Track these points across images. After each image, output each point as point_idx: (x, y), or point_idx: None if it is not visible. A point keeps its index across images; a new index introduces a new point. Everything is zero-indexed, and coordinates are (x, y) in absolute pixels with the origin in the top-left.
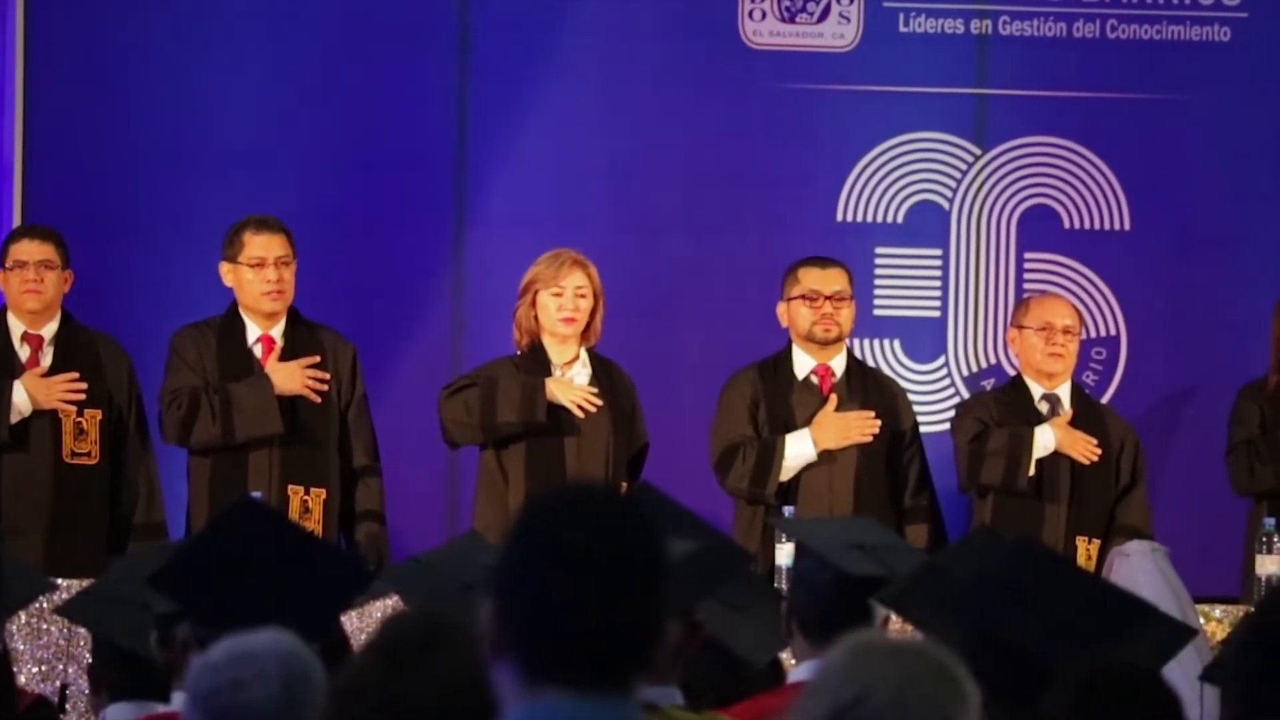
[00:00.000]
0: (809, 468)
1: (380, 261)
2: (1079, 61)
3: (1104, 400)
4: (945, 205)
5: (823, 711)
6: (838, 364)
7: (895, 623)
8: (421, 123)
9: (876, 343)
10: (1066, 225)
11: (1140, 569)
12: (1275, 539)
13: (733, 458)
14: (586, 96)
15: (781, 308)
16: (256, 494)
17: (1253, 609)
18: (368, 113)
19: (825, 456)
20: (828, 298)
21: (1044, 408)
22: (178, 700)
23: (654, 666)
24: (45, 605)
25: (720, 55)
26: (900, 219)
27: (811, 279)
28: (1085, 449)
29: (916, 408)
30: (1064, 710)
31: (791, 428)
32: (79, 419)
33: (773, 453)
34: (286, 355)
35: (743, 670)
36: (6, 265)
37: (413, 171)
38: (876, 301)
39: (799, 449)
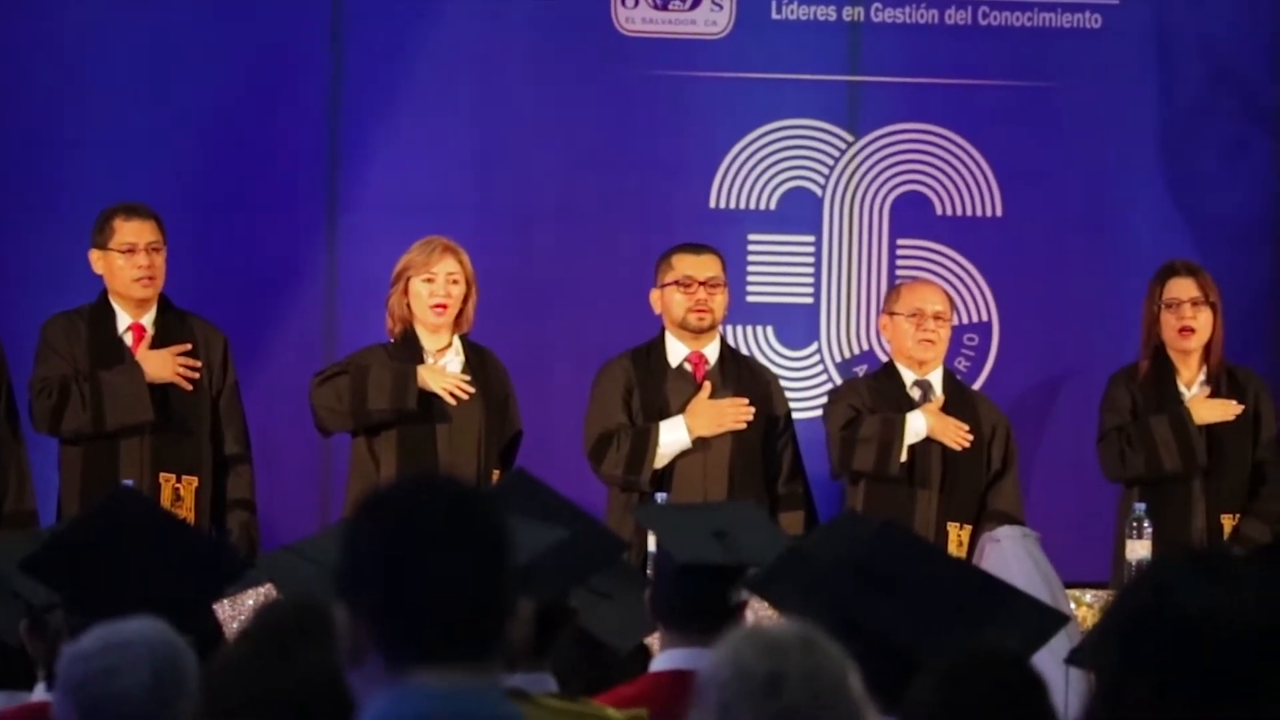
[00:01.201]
0: (683, 455)
1: (252, 249)
2: (951, 48)
3: (976, 386)
4: (818, 192)
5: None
6: (711, 351)
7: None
8: (294, 109)
9: (749, 329)
10: (939, 212)
11: (1011, 555)
12: (1145, 524)
13: (607, 445)
14: (459, 84)
15: (655, 294)
16: (128, 482)
17: (1118, 593)
18: (239, 99)
19: (699, 444)
20: (701, 284)
21: (916, 394)
22: (40, 691)
23: (508, 639)
24: None
25: (593, 42)
26: (773, 206)
27: (685, 265)
28: (957, 435)
29: (789, 394)
30: (929, 696)
31: (665, 415)
32: None
33: (647, 440)
34: (157, 343)
35: (611, 657)
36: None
37: (285, 158)
38: (749, 288)
39: (673, 436)
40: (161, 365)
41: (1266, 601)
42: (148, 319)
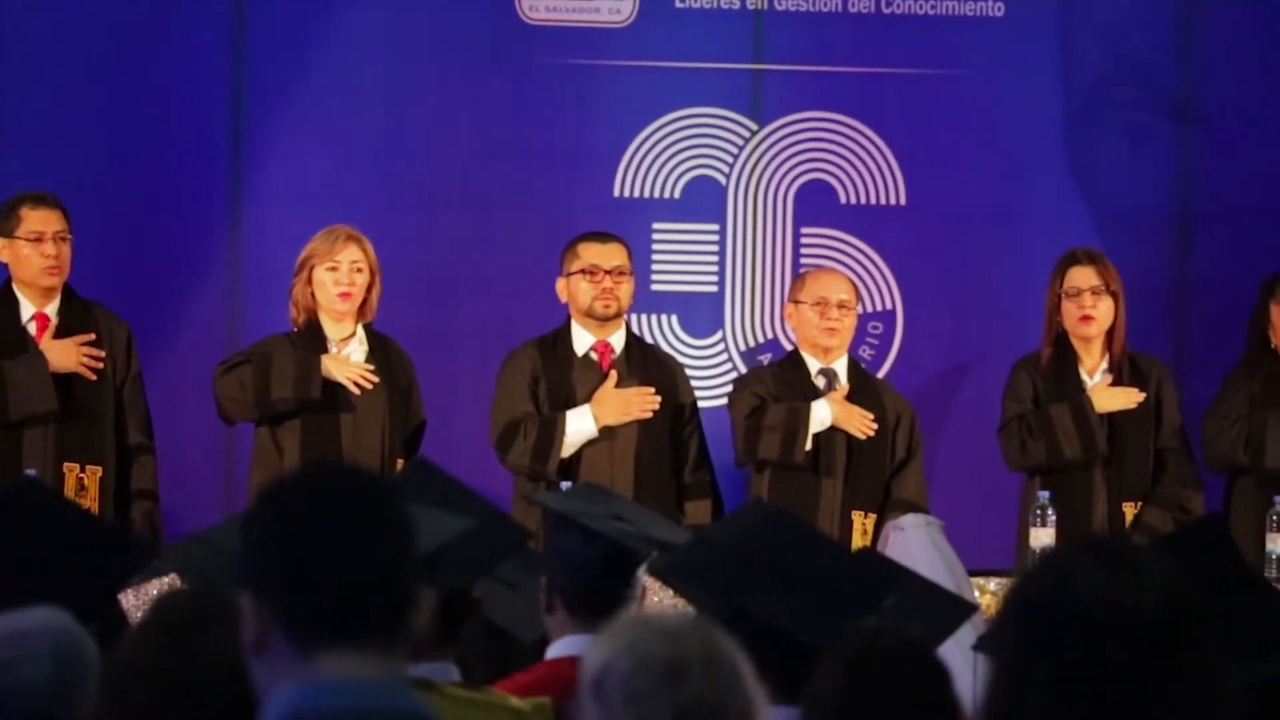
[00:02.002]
0: (590, 444)
1: (155, 238)
2: (854, 37)
3: (880, 375)
4: (722, 180)
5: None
6: (617, 340)
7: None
8: (197, 98)
9: (654, 318)
10: (843, 200)
11: (915, 543)
12: (1049, 511)
13: (513, 435)
14: (364, 72)
15: (561, 283)
16: (31, 472)
17: (1017, 580)
18: (141, 88)
19: (606, 433)
20: (607, 273)
21: (820, 382)
22: None
23: (412, 628)
24: None
25: (497, 30)
26: (677, 194)
27: (591, 254)
28: (861, 424)
29: (695, 383)
30: (833, 682)
31: (572, 404)
32: None
33: (553, 430)
34: (61, 333)
35: (515, 647)
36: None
37: (188, 148)
38: (654, 277)
39: (579, 426)
40: (65, 355)
41: (1165, 590)
42: (52, 308)
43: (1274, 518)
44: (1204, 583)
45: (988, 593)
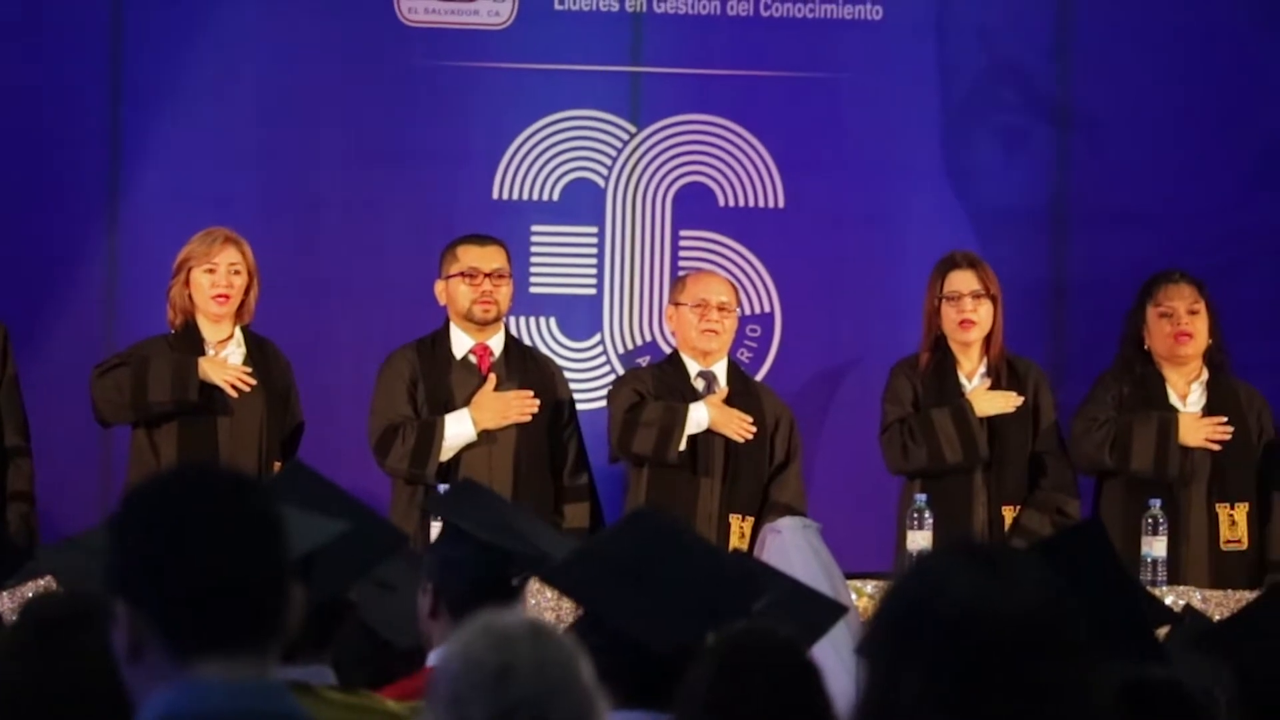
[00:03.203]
0: (469, 447)
1: (32, 239)
2: (733, 40)
3: (759, 377)
4: (601, 183)
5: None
6: (496, 343)
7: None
8: (74, 100)
9: (533, 321)
10: (721, 203)
11: (792, 546)
12: (926, 515)
13: (392, 438)
14: (242, 73)
15: (440, 286)
16: None
17: (891, 585)
18: (18, 87)
19: (485, 436)
20: (486, 275)
21: (700, 385)
22: None
23: (286, 631)
24: None
25: (376, 32)
26: (556, 197)
27: (470, 257)
28: (739, 427)
29: (573, 385)
30: (704, 681)
31: (451, 407)
32: None
33: (432, 433)
34: None
35: (394, 650)
36: None
37: (65, 148)
38: (532, 279)
39: (458, 429)
40: None
41: (1036, 594)
42: None
43: (1149, 521)
44: (1077, 586)
45: (865, 595)
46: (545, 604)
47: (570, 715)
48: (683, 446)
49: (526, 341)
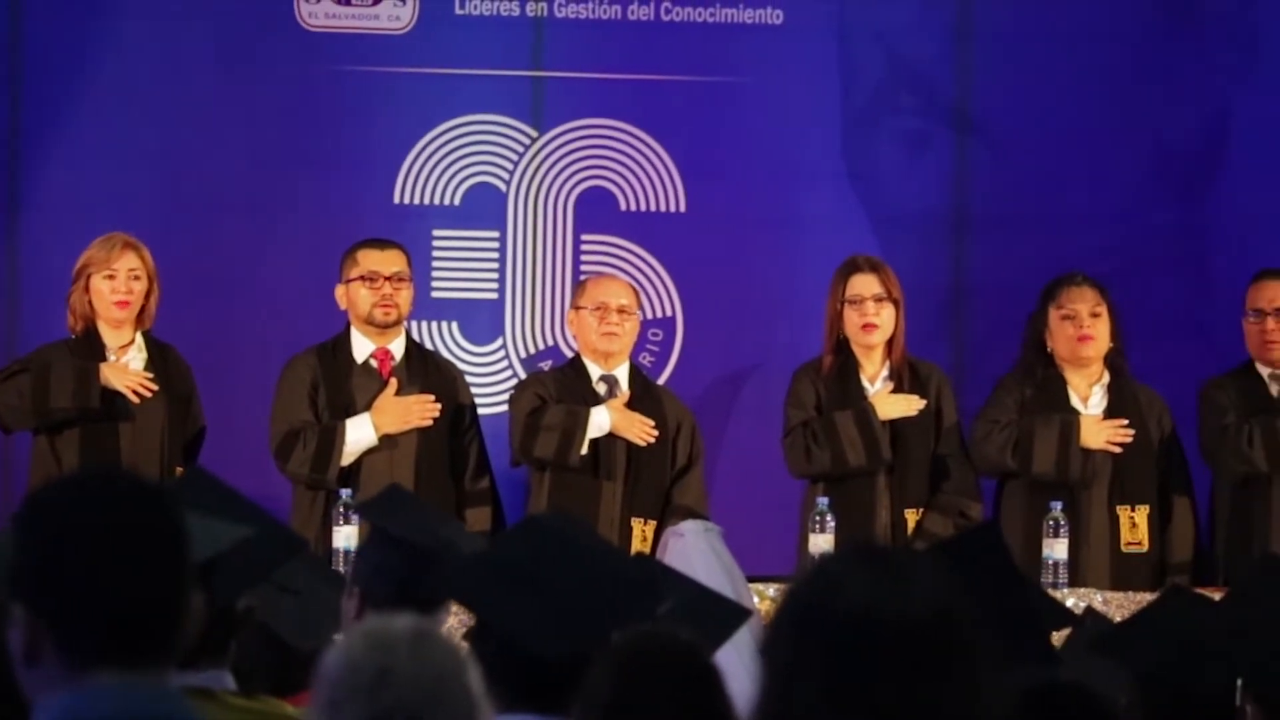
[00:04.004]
0: (370, 452)
1: None
2: (634, 44)
3: (661, 381)
4: (502, 187)
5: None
6: (397, 347)
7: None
8: None
9: (435, 325)
10: (623, 207)
11: (694, 549)
12: (828, 518)
13: (293, 443)
14: (143, 78)
15: (340, 290)
16: None
17: (790, 586)
18: None
19: (386, 441)
20: (386, 279)
21: (601, 389)
22: None
23: (184, 638)
24: None
25: (277, 37)
26: (458, 201)
27: (370, 261)
28: (641, 430)
29: (475, 390)
30: (604, 684)
31: (352, 412)
32: None
33: (333, 438)
34: None
35: (298, 655)
36: None
37: None
38: (434, 284)
39: (359, 434)
40: None
41: (932, 596)
42: None
43: (1050, 523)
44: (975, 588)
45: (767, 599)
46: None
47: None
48: (584, 450)
49: (428, 346)
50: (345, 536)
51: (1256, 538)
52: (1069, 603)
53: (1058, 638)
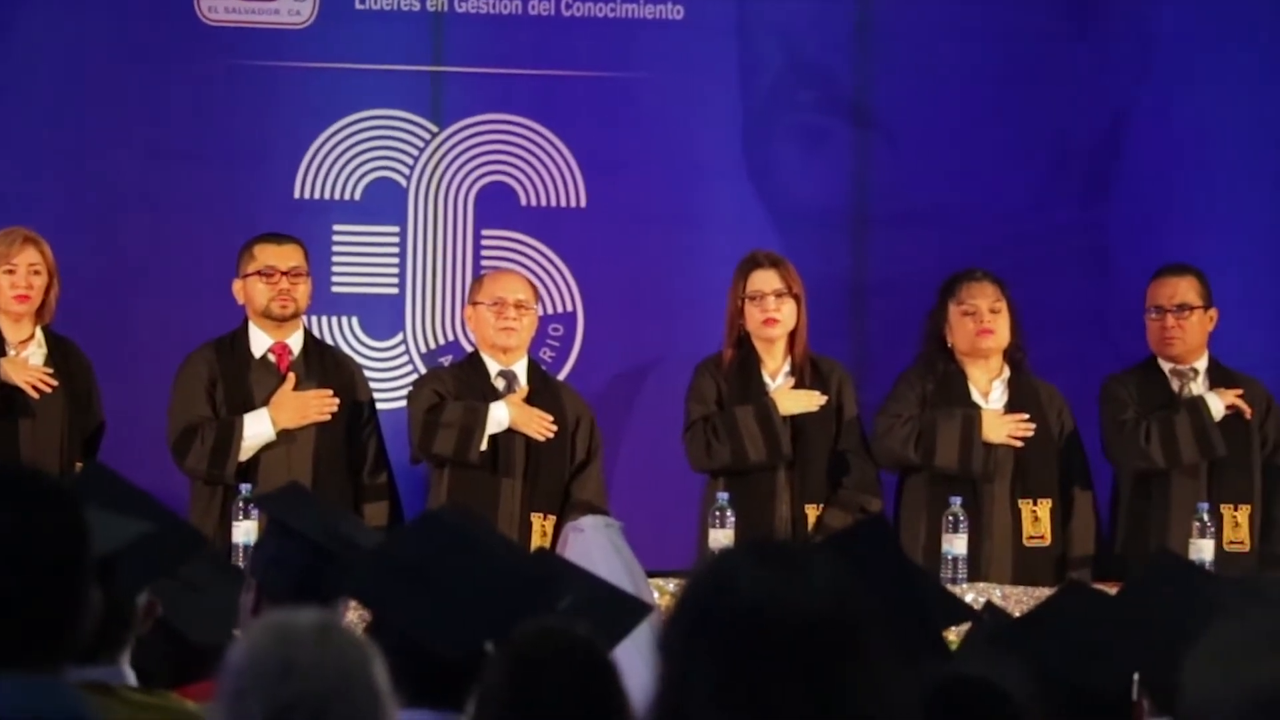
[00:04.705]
0: (268, 447)
1: None
2: (534, 39)
3: (562, 376)
4: (403, 182)
5: (265, 713)
6: (295, 341)
7: None
8: None
9: (335, 320)
10: (523, 202)
11: (594, 544)
12: (728, 513)
13: (191, 439)
14: (42, 72)
15: (238, 285)
16: None
17: (686, 581)
18: None
19: (284, 435)
20: (284, 273)
21: (500, 384)
22: None
23: (82, 634)
24: None
25: (176, 31)
26: (358, 196)
27: (267, 255)
28: (540, 426)
29: (374, 385)
30: (500, 679)
31: (250, 407)
32: None
33: (231, 433)
34: None
35: (197, 650)
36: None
37: None
38: (334, 279)
39: (257, 428)
40: None
41: (827, 590)
42: None
43: (949, 519)
44: (869, 582)
45: (667, 594)
46: None
47: (350, 715)
48: (484, 446)
49: (329, 341)
50: (245, 531)
51: (1155, 533)
52: (968, 598)
53: (957, 633)
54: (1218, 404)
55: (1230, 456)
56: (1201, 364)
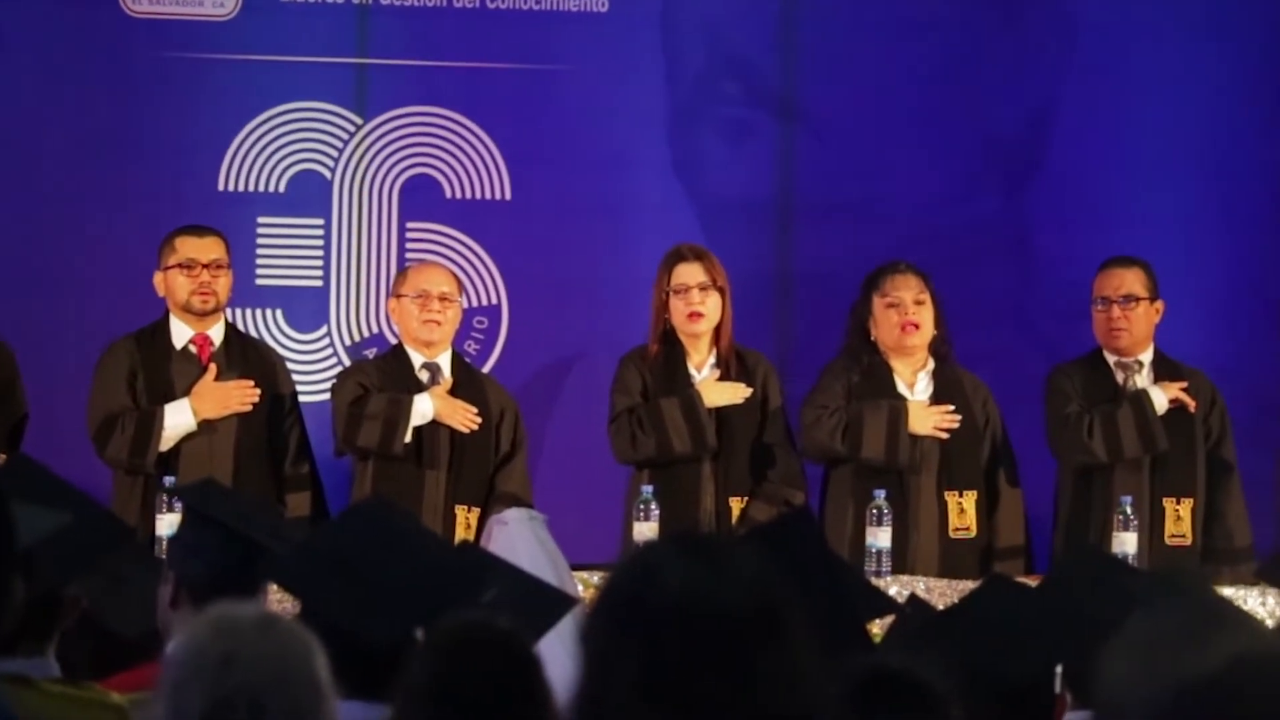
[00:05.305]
0: (189, 437)
1: None
2: (459, 32)
3: (487, 369)
4: (327, 175)
5: (202, 705)
6: (216, 333)
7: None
8: None
9: (259, 312)
10: (448, 195)
11: (518, 537)
12: (653, 505)
13: (111, 429)
14: None
15: (159, 277)
16: None
17: (609, 573)
18: None
19: (205, 426)
20: (204, 266)
21: (424, 376)
22: None
23: (3, 625)
24: None
25: (100, 24)
26: (282, 189)
27: (188, 248)
28: (464, 418)
29: (299, 377)
30: (422, 672)
31: (171, 398)
32: None
33: (151, 423)
34: None
35: (120, 641)
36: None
37: None
38: (259, 271)
39: (178, 419)
40: None
41: (749, 582)
42: None
43: (873, 512)
44: (793, 575)
45: (591, 586)
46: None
47: (290, 707)
48: (408, 439)
49: (253, 334)
50: (169, 524)
51: (1095, 527)
52: (893, 590)
53: (881, 626)
54: (1161, 398)
55: (1173, 450)
56: (1146, 356)
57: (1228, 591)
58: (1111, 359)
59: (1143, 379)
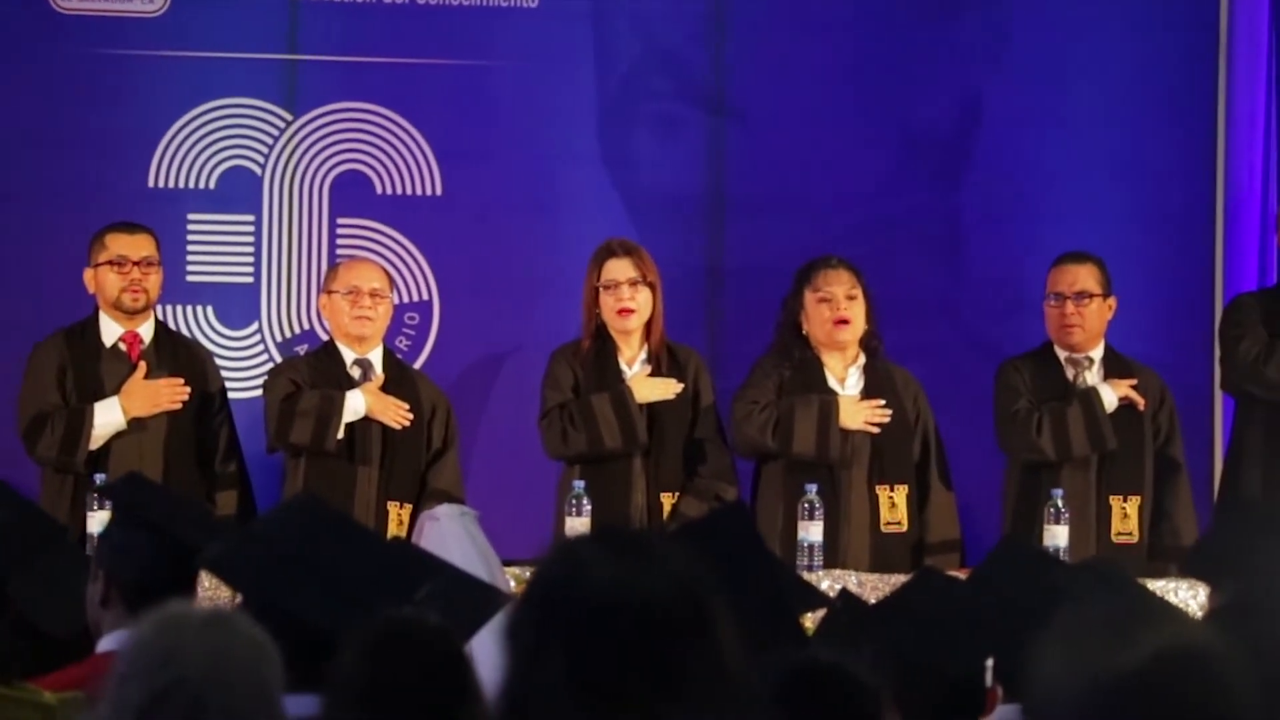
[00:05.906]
0: (119, 435)
1: None
2: (389, 27)
3: (418, 365)
4: (257, 171)
5: (141, 699)
6: (146, 330)
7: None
8: None
9: (189, 309)
10: (379, 190)
11: (449, 533)
12: (584, 501)
13: (40, 427)
14: None
15: (89, 274)
16: None
17: (536, 568)
18: None
19: (135, 424)
20: (135, 264)
21: (356, 373)
22: None
23: None
24: None
25: (27, 19)
26: (212, 185)
27: (118, 245)
28: (396, 414)
29: (230, 374)
30: (351, 667)
31: (100, 395)
32: None
33: (81, 421)
34: None
35: (51, 640)
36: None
37: None
38: (189, 268)
39: (107, 417)
40: None
41: (675, 577)
42: None
43: (805, 506)
44: (722, 569)
45: (523, 582)
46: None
47: (230, 703)
48: (340, 435)
49: (183, 330)
50: (100, 521)
51: (1041, 522)
52: (824, 585)
53: (813, 620)
54: (1111, 396)
55: (1122, 447)
56: (1097, 353)
57: (1155, 584)
58: (1062, 354)
59: (1093, 375)
